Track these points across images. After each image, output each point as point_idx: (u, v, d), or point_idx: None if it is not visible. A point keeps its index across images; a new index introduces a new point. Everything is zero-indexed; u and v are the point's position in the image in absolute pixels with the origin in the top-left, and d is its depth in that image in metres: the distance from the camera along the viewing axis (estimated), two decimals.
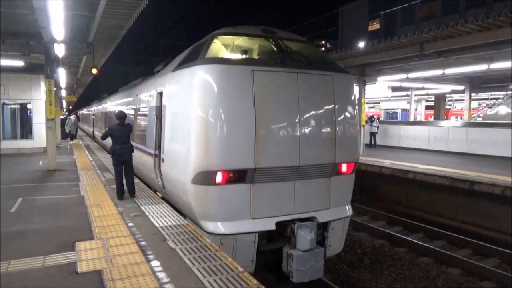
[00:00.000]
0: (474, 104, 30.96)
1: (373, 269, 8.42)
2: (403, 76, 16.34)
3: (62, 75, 18.74)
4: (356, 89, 9.45)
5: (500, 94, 25.83)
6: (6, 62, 13.78)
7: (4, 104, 17.33)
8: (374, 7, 37.98)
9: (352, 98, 7.03)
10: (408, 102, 26.90)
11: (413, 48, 12.00)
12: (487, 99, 30.10)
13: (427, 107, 32.78)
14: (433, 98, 27.69)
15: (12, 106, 17.68)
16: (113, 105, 17.20)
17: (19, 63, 14.03)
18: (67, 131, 24.72)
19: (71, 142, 23.75)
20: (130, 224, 6.16)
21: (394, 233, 10.15)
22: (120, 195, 7.91)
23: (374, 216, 12.03)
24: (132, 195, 8.07)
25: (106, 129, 8.43)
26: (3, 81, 16.66)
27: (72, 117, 25.51)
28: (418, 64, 15.13)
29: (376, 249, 9.38)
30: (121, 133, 7.70)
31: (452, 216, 10.93)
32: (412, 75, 16.13)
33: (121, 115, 7.89)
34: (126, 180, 8.03)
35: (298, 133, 6.28)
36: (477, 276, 7.91)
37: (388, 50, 12.74)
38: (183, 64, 7.04)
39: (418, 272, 8.11)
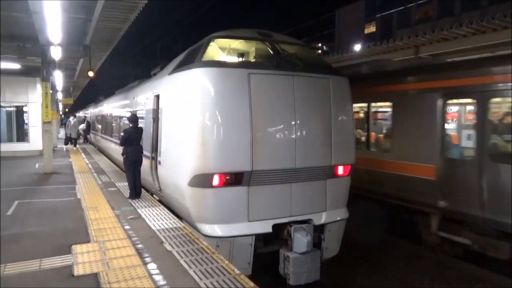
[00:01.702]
0: None
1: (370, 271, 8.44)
2: None
3: (58, 77, 18.74)
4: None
5: None
6: (3, 65, 13.76)
7: (0, 106, 17.28)
8: (370, 10, 38.16)
9: (348, 100, 7.07)
10: None
11: (408, 51, 12.08)
12: None
13: None
14: None
15: (8, 109, 17.63)
16: (109, 107, 17.15)
17: (16, 65, 14.03)
18: (67, 134, 22.54)
19: (74, 148, 21.43)
20: (126, 227, 6.17)
21: None
22: (134, 193, 8.18)
23: None
24: (138, 196, 8.29)
25: (122, 133, 8.83)
26: None
27: (71, 118, 23.36)
28: None
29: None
30: (135, 135, 8.18)
31: None
32: None
33: (135, 118, 8.32)
34: (134, 181, 8.34)
35: (295, 136, 6.31)
36: None
37: (384, 53, 12.81)
38: (180, 67, 7.06)
39: None
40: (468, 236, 7.61)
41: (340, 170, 6.91)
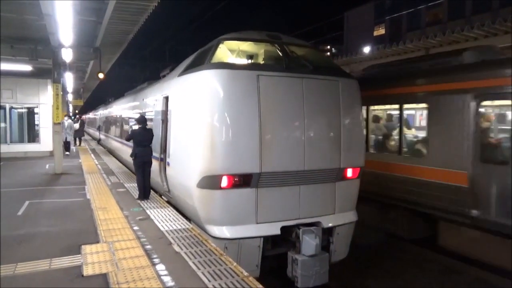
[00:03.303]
0: None
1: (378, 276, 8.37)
2: None
3: (69, 79, 18.94)
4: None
5: None
6: (15, 67, 13.97)
7: (12, 108, 17.55)
8: (380, 12, 38.00)
9: (358, 103, 7.03)
10: None
11: (418, 54, 11.98)
12: None
13: None
14: None
15: (19, 110, 17.87)
16: (119, 109, 17.30)
17: (27, 67, 14.20)
18: (62, 139, 17.40)
19: (67, 153, 18.28)
20: (135, 228, 6.20)
21: None
22: (142, 195, 8.20)
23: None
24: (146, 198, 8.31)
25: (129, 132, 8.97)
26: (11, 86, 16.90)
27: (66, 119, 19.28)
28: None
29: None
30: (142, 137, 8.15)
31: None
32: None
33: (143, 120, 8.34)
34: (143, 183, 8.36)
35: (303, 138, 6.29)
36: None
37: (394, 55, 12.73)
38: (189, 68, 7.09)
39: None
40: None
41: (349, 172, 6.87)
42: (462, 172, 7.28)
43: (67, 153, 18.22)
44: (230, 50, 7.21)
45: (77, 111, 51.26)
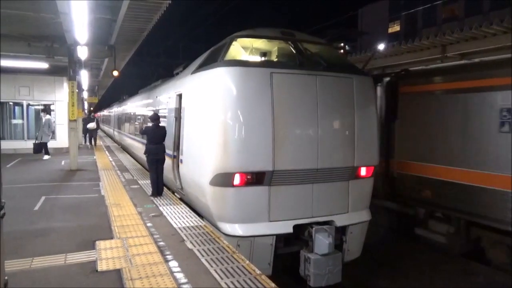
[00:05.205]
0: None
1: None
2: None
3: (84, 77, 19.18)
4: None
5: None
6: (31, 64, 14.22)
7: (29, 105, 17.92)
8: (395, 9, 37.48)
9: (372, 100, 6.94)
10: None
11: (435, 50, 11.74)
12: None
13: None
14: None
15: (36, 107, 18.21)
16: (133, 106, 17.45)
17: (44, 65, 14.43)
18: (38, 139, 15.41)
19: (48, 156, 15.37)
20: (149, 224, 6.24)
21: None
22: (156, 192, 8.28)
23: None
24: (160, 194, 8.37)
25: (143, 128, 9.20)
26: (28, 83, 17.25)
27: (43, 114, 15.99)
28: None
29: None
30: (155, 134, 8.21)
31: None
32: None
33: (156, 117, 8.39)
34: (157, 180, 8.43)
35: (317, 136, 6.23)
36: None
37: (409, 52, 12.51)
38: (203, 66, 7.10)
39: None
40: None
41: (363, 171, 6.79)
42: None
43: (46, 156, 15.29)
44: (243, 48, 7.18)
45: (92, 108, 51.89)
